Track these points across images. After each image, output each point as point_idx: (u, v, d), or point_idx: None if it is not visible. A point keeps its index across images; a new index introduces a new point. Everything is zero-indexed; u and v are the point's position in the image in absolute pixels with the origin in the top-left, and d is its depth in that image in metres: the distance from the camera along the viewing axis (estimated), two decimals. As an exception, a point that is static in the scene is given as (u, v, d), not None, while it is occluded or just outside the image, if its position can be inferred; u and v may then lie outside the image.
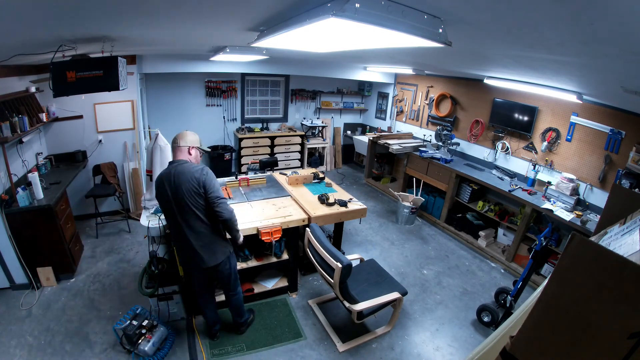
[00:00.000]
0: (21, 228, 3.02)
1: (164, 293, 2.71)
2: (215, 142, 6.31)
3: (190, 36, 2.50)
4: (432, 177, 4.92)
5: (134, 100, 4.41)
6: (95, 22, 1.65)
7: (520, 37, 1.37)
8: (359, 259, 3.24)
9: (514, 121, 4.23)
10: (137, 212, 4.69)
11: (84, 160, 4.30)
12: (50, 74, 2.27)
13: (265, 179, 3.90)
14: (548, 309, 0.97)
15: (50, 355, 2.54)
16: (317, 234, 2.72)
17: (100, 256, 3.83)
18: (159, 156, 3.06)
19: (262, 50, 3.21)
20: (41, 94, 3.70)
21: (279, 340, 2.79)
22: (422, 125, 5.90)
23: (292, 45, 2.13)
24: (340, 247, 3.83)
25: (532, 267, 2.72)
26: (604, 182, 3.42)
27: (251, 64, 5.25)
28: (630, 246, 1.13)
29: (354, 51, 2.97)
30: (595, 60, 1.50)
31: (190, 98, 5.88)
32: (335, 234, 3.79)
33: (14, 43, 1.92)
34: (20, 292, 3.16)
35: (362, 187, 6.39)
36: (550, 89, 3.10)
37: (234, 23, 1.81)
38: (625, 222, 1.59)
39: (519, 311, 1.44)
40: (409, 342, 2.86)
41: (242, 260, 3.05)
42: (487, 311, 3.00)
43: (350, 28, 1.20)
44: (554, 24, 1.10)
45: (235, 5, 1.36)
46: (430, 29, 1.21)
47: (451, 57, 2.62)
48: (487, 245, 4.26)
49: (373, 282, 2.93)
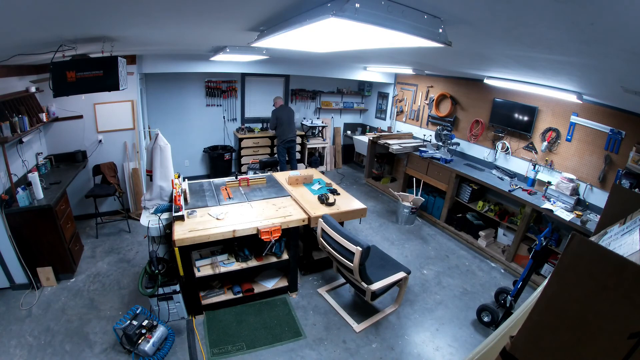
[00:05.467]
0: (21, 228, 3.02)
1: (164, 293, 2.71)
2: (215, 142, 6.31)
3: (190, 36, 2.50)
4: (432, 177, 4.92)
5: (134, 100, 4.41)
6: (95, 22, 1.65)
7: (520, 37, 1.37)
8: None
9: (514, 121, 4.23)
10: (137, 212, 4.69)
11: (84, 160, 4.30)
12: (50, 74, 2.27)
13: (265, 179, 3.90)
14: (548, 309, 0.97)
15: (50, 355, 2.54)
16: (331, 223, 2.84)
17: (100, 256, 3.83)
18: (159, 156, 3.07)
19: (262, 50, 3.21)
20: (41, 94, 3.71)
21: (278, 339, 2.79)
22: (422, 125, 5.90)
23: (292, 45, 2.13)
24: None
25: (532, 267, 2.73)
26: (604, 182, 3.42)
27: (251, 63, 5.25)
28: (630, 246, 1.13)
29: (354, 51, 2.97)
30: (595, 60, 1.50)
31: (190, 98, 5.88)
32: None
33: (14, 43, 1.92)
34: (20, 292, 3.16)
35: (362, 187, 6.39)
36: (550, 89, 3.10)
37: (234, 23, 1.81)
38: (625, 222, 1.59)
39: (519, 311, 1.44)
40: (409, 342, 2.86)
41: (242, 260, 3.05)
42: (487, 311, 3.01)
43: (350, 28, 1.20)
44: (554, 24, 1.10)
45: (236, 5, 1.36)
46: (430, 29, 1.21)
47: (451, 57, 2.62)
48: (487, 245, 4.26)
49: (378, 265, 3.09)
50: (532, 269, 2.74)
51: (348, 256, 2.68)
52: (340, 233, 2.73)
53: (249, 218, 2.98)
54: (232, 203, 3.27)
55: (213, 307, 3.06)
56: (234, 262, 3.04)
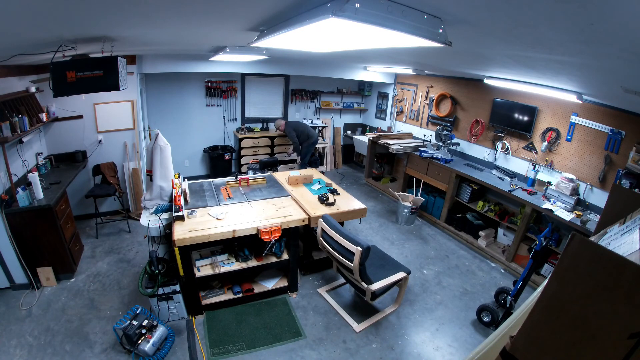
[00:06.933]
0: (21, 228, 3.02)
1: (164, 293, 2.71)
2: (215, 142, 6.31)
3: (190, 36, 2.50)
4: (432, 177, 4.92)
5: (134, 100, 4.41)
6: (95, 22, 1.65)
7: (520, 37, 1.37)
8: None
9: (514, 121, 4.23)
10: (137, 212, 4.69)
11: (84, 160, 4.30)
12: (50, 74, 2.27)
13: (265, 179, 3.90)
14: (548, 309, 0.97)
15: (50, 355, 2.54)
16: (331, 223, 2.84)
17: (100, 256, 3.83)
18: (159, 156, 3.07)
19: (262, 50, 3.21)
20: (41, 94, 3.71)
21: (278, 339, 2.79)
22: (422, 125, 5.90)
23: (292, 45, 2.13)
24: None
25: (532, 267, 2.73)
26: (604, 182, 3.42)
27: (251, 63, 5.25)
28: (630, 245, 1.13)
29: (354, 51, 2.97)
30: (595, 60, 1.50)
31: (190, 98, 5.88)
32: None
33: (14, 43, 1.92)
34: (20, 292, 3.16)
35: (362, 187, 6.39)
36: (550, 89, 3.10)
37: (234, 23, 1.81)
38: (625, 221, 1.59)
39: (519, 311, 1.44)
40: (409, 342, 2.86)
41: (242, 260, 3.05)
42: (487, 311, 3.01)
43: (351, 28, 1.20)
44: (554, 24, 1.10)
45: (236, 5, 1.36)
46: (430, 29, 1.21)
47: (451, 57, 2.62)
48: (487, 245, 4.26)
49: (378, 265, 3.10)
50: (532, 269, 2.74)
51: (348, 256, 2.68)
52: (340, 233, 2.73)
53: (249, 218, 2.98)
54: (232, 203, 3.27)
55: (213, 307, 3.06)
56: (234, 262, 3.04)
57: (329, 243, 2.91)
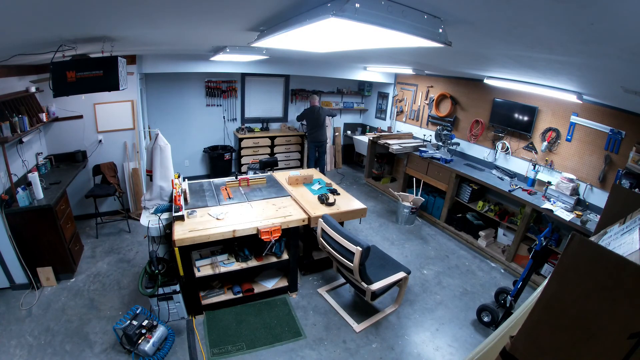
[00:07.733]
0: (21, 228, 3.02)
1: (164, 293, 2.71)
2: (215, 142, 6.31)
3: (190, 36, 2.50)
4: (432, 177, 4.92)
5: (134, 100, 4.41)
6: (95, 22, 1.65)
7: (520, 37, 1.37)
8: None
9: (514, 121, 4.23)
10: (137, 212, 4.69)
11: (84, 160, 4.30)
12: (50, 74, 2.27)
13: (265, 179, 3.90)
14: (548, 309, 0.97)
15: (50, 355, 2.54)
16: (331, 223, 2.84)
17: (100, 256, 3.83)
18: (159, 156, 3.07)
19: (262, 50, 3.21)
20: (41, 94, 3.70)
21: (278, 339, 2.79)
22: (422, 125, 5.90)
23: (292, 45, 2.13)
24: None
25: (532, 267, 2.72)
26: (604, 182, 3.42)
27: (251, 63, 5.25)
28: (630, 245, 1.13)
29: (354, 51, 2.97)
30: (595, 60, 1.50)
31: (190, 98, 5.88)
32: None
33: (14, 43, 1.92)
34: (20, 292, 3.16)
35: (362, 187, 6.39)
36: (550, 89, 3.10)
37: (234, 23, 1.81)
38: (625, 221, 1.59)
39: (519, 311, 1.44)
40: (409, 342, 2.86)
41: (242, 260, 3.05)
42: (487, 311, 3.00)
43: (350, 28, 1.20)
44: (554, 24, 1.10)
45: (236, 5, 1.36)
46: (430, 29, 1.21)
47: (451, 57, 2.62)
48: (487, 245, 4.26)
49: (378, 265, 3.10)
50: (532, 269, 2.74)
51: (348, 256, 2.68)
52: (340, 233, 2.73)
53: (249, 218, 2.98)
54: (232, 203, 3.27)
55: (213, 307, 3.06)
56: (234, 262, 3.04)
57: (329, 243, 2.91)
